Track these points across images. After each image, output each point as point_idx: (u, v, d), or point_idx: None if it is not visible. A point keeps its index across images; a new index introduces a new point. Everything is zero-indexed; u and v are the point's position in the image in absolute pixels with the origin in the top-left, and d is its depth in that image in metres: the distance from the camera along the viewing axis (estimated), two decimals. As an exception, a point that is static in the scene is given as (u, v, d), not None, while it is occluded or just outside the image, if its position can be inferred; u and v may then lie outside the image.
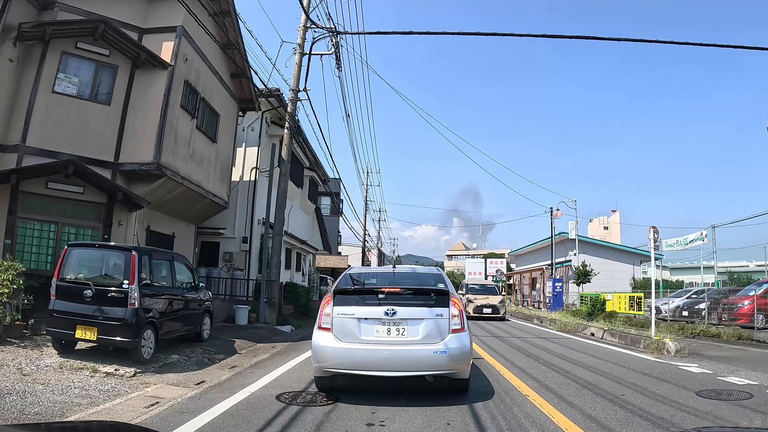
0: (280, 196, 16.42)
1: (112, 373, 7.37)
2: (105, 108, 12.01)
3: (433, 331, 6.00)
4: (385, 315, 6.02)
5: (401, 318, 6.03)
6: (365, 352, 5.94)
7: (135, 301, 7.82)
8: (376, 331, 6.03)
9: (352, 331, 6.02)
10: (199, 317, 10.44)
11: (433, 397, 6.29)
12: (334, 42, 18.17)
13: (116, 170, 11.93)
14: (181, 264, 10.19)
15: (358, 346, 5.96)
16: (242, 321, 14.75)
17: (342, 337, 6.01)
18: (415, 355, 5.92)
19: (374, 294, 6.28)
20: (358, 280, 7.14)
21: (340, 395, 6.26)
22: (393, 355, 5.93)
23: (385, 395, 6.31)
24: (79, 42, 11.78)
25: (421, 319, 6.04)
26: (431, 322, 6.03)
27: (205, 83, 14.47)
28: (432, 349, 5.90)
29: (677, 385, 7.55)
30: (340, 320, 6.09)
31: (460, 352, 5.96)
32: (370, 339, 5.99)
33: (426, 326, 6.01)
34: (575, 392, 6.82)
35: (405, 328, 6.02)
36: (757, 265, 61.16)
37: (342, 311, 6.13)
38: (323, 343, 6.06)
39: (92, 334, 7.82)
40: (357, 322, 6.06)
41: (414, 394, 6.38)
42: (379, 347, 5.95)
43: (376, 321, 6.05)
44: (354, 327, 6.04)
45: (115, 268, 8.23)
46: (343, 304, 6.18)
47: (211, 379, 7.39)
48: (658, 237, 13.15)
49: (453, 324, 6.04)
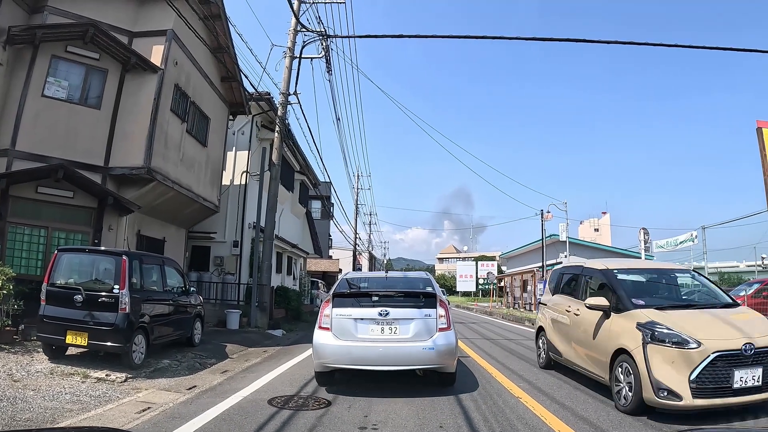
0: (271, 200, 16.40)
1: (104, 378, 7.34)
2: (95, 112, 11.94)
3: (422, 329, 6.62)
4: (379, 315, 6.62)
5: (393, 318, 6.63)
6: (361, 349, 6.53)
7: (125, 306, 7.79)
8: (371, 330, 6.62)
9: (350, 330, 6.63)
10: (191, 322, 10.41)
11: (426, 399, 6.32)
12: (325, 45, 18.19)
13: (106, 174, 11.87)
14: (172, 268, 10.16)
15: (355, 344, 6.55)
16: (234, 325, 14.71)
17: (340, 336, 6.63)
18: (406, 351, 6.53)
19: (369, 297, 6.89)
20: (354, 284, 7.80)
21: (332, 399, 6.29)
22: (386, 351, 6.52)
23: (378, 398, 6.34)
24: (69, 45, 11.70)
25: (412, 319, 6.65)
26: (420, 321, 6.64)
27: (196, 87, 14.44)
28: (421, 345, 6.52)
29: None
30: (338, 320, 6.70)
31: (447, 349, 6.58)
32: (366, 337, 6.59)
33: (416, 325, 6.62)
34: (567, 394, 6.88)
35: (397, 327, 6.64)
36: (747, 266, 61.73)
37: (340, 312, 6.74)
38: (323, 341, 6.67)
39: (83, 339, 7.78)
40: (354, 322, 6.67)
41: (407, 397, 6.42)
42: (374, 344, 6.53)
43: (371, 321, 6.65)
44: (351, 326, 6.65)
45: (105, 272, 8.19)
46: (341, 306, 6.80)
47: (202, 383, 7.38)
48: (649, 238, 13.28)
49: (440, 323, 6.66)
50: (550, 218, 33.58)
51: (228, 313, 14.90)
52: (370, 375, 7.17)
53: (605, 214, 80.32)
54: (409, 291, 7.31)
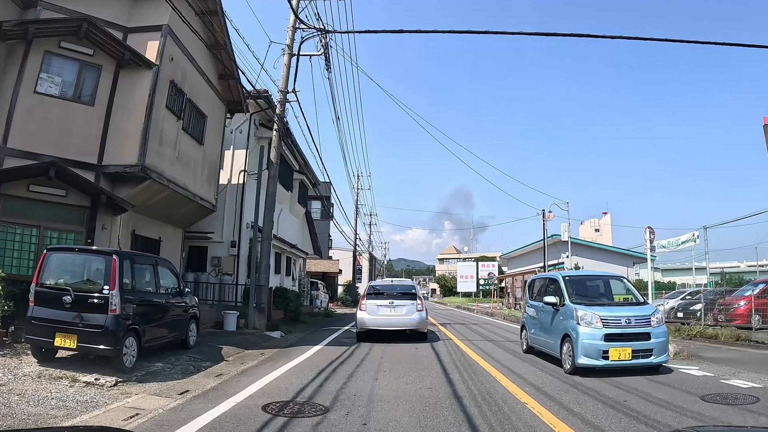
0: (269, 199, 16.13)
1: (92, 382, 7.07)
2: (88, 109, 11.70)
3: (410, 310, 13.26)
4: (389, 303, 13.33)
5: (396, 305, 13.30)
6: (380, 318, 13.17)
7: (116, 308, 7.50)
8: (384, 310, 13.26)
9: (374, 310, 13.28)
10: (185, 323, 10.10)
11: (427, 408, 6.06)
12: (324, 43, 17.93)
13: (100, 172, 11.59)
14: (166, 268, 9.86)
15: (377, 317, 13.18)
16: (231, 327, 14.43)
17: (370, 313, 13.27)
18: (402, 320, 13.18)
19: (383, 294, 13.95)
20: (375, 287, 14.94)
21: (330, 404, 6.02)
22: (393, 320, 13.16)
23: (376, 407, 6.07)
24: (63, 41, 11.46)
25: (404, 305, 13.30)
26: (409, 306, 13.30)
27: (192, 84, 14.17)
28: (410, 318, 13.16)
29: (680, 389, 7.36)
30: (369, 306, 13.39)
31: (421, 319, 13.30)
32: (382, 314, 13.22)
33: (407, 308, 13.27)
34: (575, 399, 6.60)
35: (397, 308, 13.25)
36: (748, 266, 61.20)
37: (369, 302, 13.46)
38: (362, 316, 13.35)
39: (72, 342, 7.51)
40: (376, 306, 13.33)
41: (408, 407, 6.15)
42: (386, 317, 13.18)
43: (384, 306, 13.31)
44: (375, 308, 13.31)
45: (95, 273, 7.91)
46: (370, 299, 13.60)
47: (195, 388, 7.10)
48: (654, 237, 13.00)
49: (418, 307, 13.35)
50: (551, 218, 33.31)
51: (225, 315, 14.63)
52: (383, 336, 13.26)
53: (606, 215, 79.91)
54: (403, 291, 14.32)
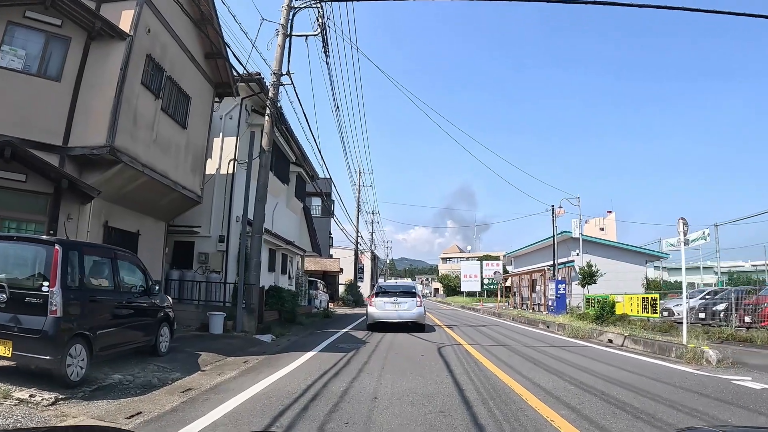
0: (260, 190, 14.75)
1: (26, 399, 5.71)
2: (54, 85, 10.40)
3: (410, 306, 16.68)
4: (394, 300, 16.77)
5: (399, 302, 16.72)
6: (386, 313, 16.52)
7: (57, 308, 6.11)
8: (390, 306, 16.67)
9: (382, 306, 16.72)
10: (154, 327, 8.67)
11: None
12: (321, 23, 16.59)
13: (65, 155, 10.25)
14: (129, 263, 8.43)
15: (384, 311, 16.58)
16: (217, 330, 13.07)
17: (378, 308, 16.71)
18: (404, 314, 16.50)
19: (388, 293, 17.43)
20: (382, 287, 18.47)
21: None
22: (397, 314, 16.47)
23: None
24: (28, 11, 10.25)
25: (406, 302, 16.72)
26: (410, 302, 16.75)
27: (174, 61, 12.79)
28: (410, 312, 16.55)
29: (745, 408, 5.99)
30: (377, 302, 16.87)
31: (420, 314, 16.67)
32: (388, 309, 16.61)
33: (408, 305, 16.68)
34: (627, 426, 5.18)
35: (400, 305, 16.66)
36: (753, 265, 59.90)
37: (377, 299, 16.99)
38: (371, 312, 16.86)
39: (6, 349, 6.13)
40: (383, 302, 16.78)
41: (401, 423, 4.87)
42: (391, 311, 16.54)
43: (390, 303, 16.72)
44: (382, 304, 16.75)
45: (35, 266, 6.52)
46: (378, 297, 17.12)
47: (151, 409, 5.68)
48: (687, 230, 11.61)
49: (417, 304, 16.76)
50: (562, 214, 31.80)
51: (211, 316, 13.27)
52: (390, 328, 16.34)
53: (611, 213, 78.56)
54: (405, 291, 17.63)
